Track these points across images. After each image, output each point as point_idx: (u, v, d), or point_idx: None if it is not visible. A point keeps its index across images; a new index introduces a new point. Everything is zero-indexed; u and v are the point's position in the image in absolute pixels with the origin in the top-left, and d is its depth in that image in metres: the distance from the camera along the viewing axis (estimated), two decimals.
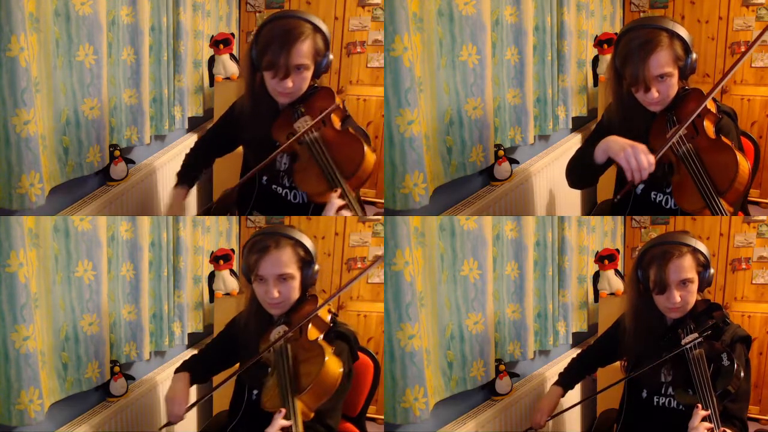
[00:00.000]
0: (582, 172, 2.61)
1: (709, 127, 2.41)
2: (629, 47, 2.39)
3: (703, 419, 2.24)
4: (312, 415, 2.28)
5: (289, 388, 2.25)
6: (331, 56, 2.49)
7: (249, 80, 2.53)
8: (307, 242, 2.43)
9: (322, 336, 2.36)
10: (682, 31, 2.40)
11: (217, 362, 2.60)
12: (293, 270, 2.38)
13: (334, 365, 2.29)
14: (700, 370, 2.29)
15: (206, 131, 2.86)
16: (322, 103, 2.46)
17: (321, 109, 2.45)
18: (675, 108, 2.43)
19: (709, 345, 2.33)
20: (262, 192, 2.57)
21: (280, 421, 2.21)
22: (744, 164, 2.36)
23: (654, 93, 2.39)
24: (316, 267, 2.43)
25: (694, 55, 2.41)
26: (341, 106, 2.48)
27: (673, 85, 2.41)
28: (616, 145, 2.40)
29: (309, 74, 2.46)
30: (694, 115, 2.38)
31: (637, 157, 2.34)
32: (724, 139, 2.41)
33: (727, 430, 2.25)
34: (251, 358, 2.37)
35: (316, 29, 2.45)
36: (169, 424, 2.49)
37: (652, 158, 2.35)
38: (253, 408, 2.42)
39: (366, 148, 2.42)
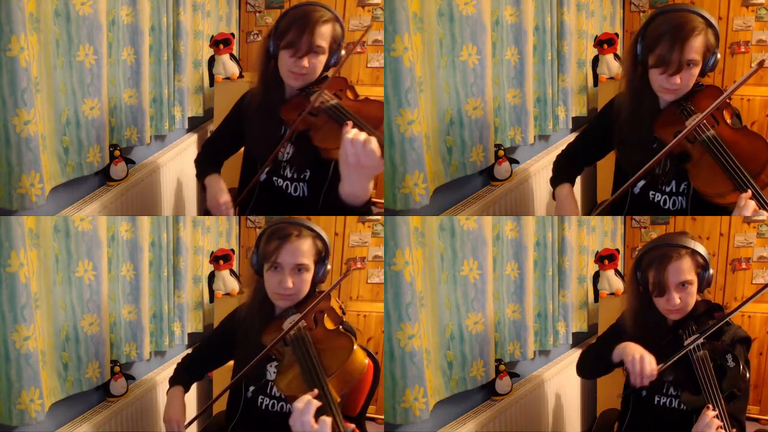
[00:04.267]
0: (597, 366, 2.57)
1: (728, 118, 2.40)
2: (663, 27, 2.37)
3: (714, 419, 2.23)
4: (339, 399, 2.24)
5: (318, 371, 2.22)
6: (343, 51, 2.52)
7: (262, 69, 2.56)
8: (326, 237, 2.43)
9: (339, 326, 2.36)
10: (716, 23, 2.39)
11: (214, 358, 2.60)
12: (310, 262, 2.38)
13: (361, 354, 2.29)
14: (705, 371, 2.29)
15: (214, 133, 2.86)
16: (336, 85, 2.48)
17: (336, 89, 2.47)
18: (691, 99, 2.41)
19: (711, 346, 2.33)
20: (262, 186, 2.57)
21: (308, 396, 2.16)
22: None
23: (677, 79, 2.37)
24: (329, 266, 2.43)
25: (719, 54, 2.41)
26: (353, 87, 2.52)
27: (695, 76, 2.39)
28: (558, 203, 2.68)
29: (324, 59, 2.50)
30: (719, 102, 2.34)
31: (642, 365, 2.30)
32: (748, 127, 2.41)
33: (734, 422, 2.25)
34: (253, 352, 2.35)
35: (336, 18, 2.52)
36: None
37: (655, 372, 2.31)
38: (251, 406, 2.42)
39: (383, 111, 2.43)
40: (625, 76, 2.51)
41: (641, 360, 2.29)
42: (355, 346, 2.27)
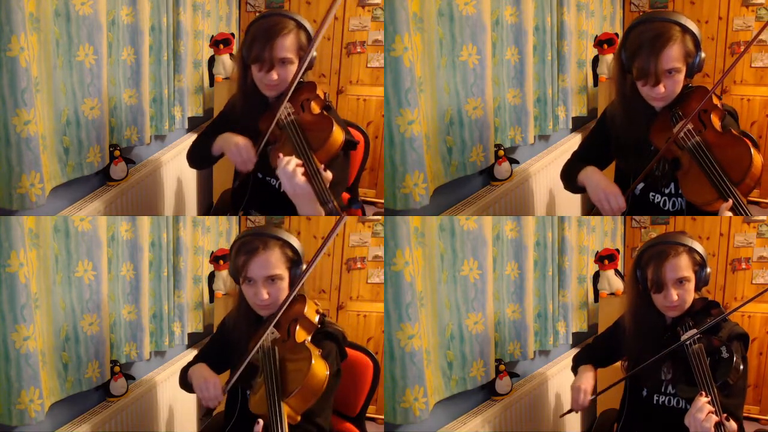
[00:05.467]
0: (569, 183, 2.67)
1: (716, 121, 2.40)
2: (640, 40, 2.37)
3: (707, 403, 2.24)
4: (299, 418, 2.27)
5: (275, 392, 2.23)
6: (314, 53, 2.50)
7: (241, 78, 2.57)
8: (295, 242, 2.44)
9: (309, 338, 2.36)
10: (694, 27, 2.39)
11: (213, 367, 2.59)
12: (282, 271, 2.40)
13: (320, 368, 2.28)
14: (700, 363, 2.30)
15: (205, 129, 2.86)
16: (305, 95, 2.50)
17: (304, 99, 2.49)
18: (680, 104, 2.42)
19: (707, 340, 2.33)
20: (257, 185, 2.59)
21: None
22: (757, 157, 2.35)
23: (661, 88, 2.37)
24: (304, 267, 2.43)
25: (703, 54, 2.40)
26: (322, 96, 2.51)
27: (680, 82, 2.39)
28: (590, 184, 2.54)
29: (293, 68, 2.49)
30: (701, 105, 2.36)
31: (610, 201, 2.49)
32: (734, 131, 2.40)
33: (730, 418, 2.25)
34: (242, 360, 2.36)
35: (300, 26, 2.50)
36: (207, 412, 2.44)
37: (622, 202, 2.47)
38: (248, 408, 2.42)
39: (335, 126, 2.43)
40: (616, 85, 2.51)
41: (578, 389, 2.55)
42: (314, 361, 2.26)
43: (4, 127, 2.53)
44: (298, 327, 2.35)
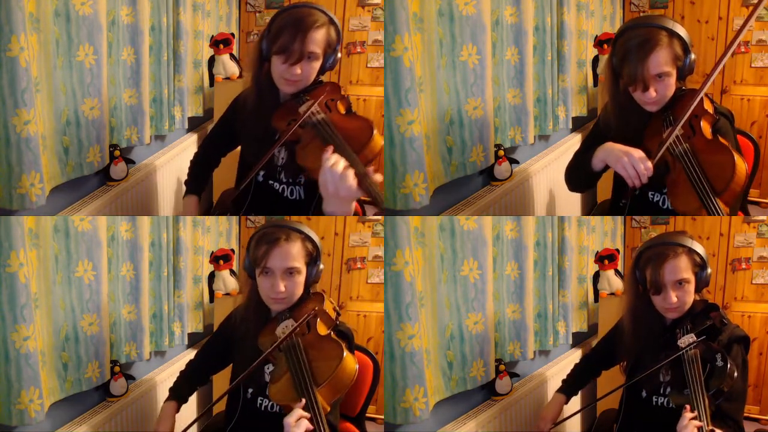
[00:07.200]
0: (580, 177, 2.63)
1: (706, 127, 2.38)
2: (628, 46, 2.37)
3: (693, 419, 2.23)
4: (329, 408, 2.26)
5: (307, 380, 2.22)
6: (339, 54, 2.49)
7: (255, 71, 2.51)
8: (316, 238, 2.42)
9: (331, 332, 2.35)
10: (682, 31, 2.38)
11: (215, 363, 2.60)
12: (301, 264, 2.37)
13: (351, 361, 2.29)
14: (694, 370, 2.29)
15: (209, 132, 2.86)
16: (328, 95, 2.44)
17: (328, 99, 2.43)
18: (672, 108, 2.41)
19: (705, 345, 2.32)
20: (259, 188, 2.56)
21: (299, 411, 2.18)
22: (741, 165, 2.33)
23: (652, 92, 2.37)
24: (321, 266, 2.43)
25: (693, 56, 2.39)
26: (346, 97, 2.48)
27: (671, 85, 2.39)
28: (612, 154, 2.42)
29: (317, 65, 2.44)
30: (690, 111, 2.35)
31: (636, 166, 2.37)
32: (721, 139, 2.38)
33: (715, 429, 2.24)
34: (250, 355, 2.35)
35: (331, 21, 2.45)
36: None
37: (649, 164, 2.37)
38: (250, 407, 2.42)
39: (375, 129, 2.35)
40: (608, 90, 2.49)
41: (540, 417, 2.68)
42: (345, 353, 2.27)
43: (4, 127, 2.53)
44: (318, 320, 2.33)
